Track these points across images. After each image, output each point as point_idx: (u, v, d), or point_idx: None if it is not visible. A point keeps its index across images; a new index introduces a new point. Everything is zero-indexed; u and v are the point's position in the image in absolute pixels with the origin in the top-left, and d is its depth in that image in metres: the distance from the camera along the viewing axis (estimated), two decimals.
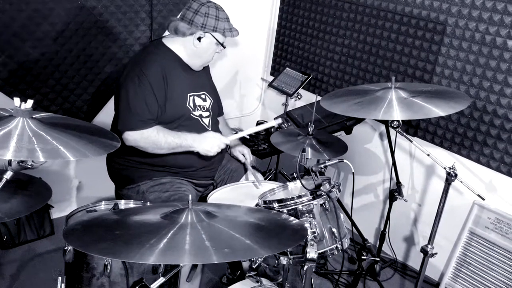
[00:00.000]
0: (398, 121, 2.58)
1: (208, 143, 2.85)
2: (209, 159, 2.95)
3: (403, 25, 3.42)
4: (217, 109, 3.17)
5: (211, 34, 2.84)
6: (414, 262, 3.72)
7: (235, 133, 3.18)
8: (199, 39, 2.84)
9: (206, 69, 3.15)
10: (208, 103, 3.04)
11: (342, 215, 2.48)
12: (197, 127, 2.93)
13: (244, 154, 3.23)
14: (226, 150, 3.26)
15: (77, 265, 2.22)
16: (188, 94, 2.93)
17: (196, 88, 2.99)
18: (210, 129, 3.00)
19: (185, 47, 2.90)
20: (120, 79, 2.85)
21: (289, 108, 3.98)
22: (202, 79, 3.09)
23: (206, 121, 2.99)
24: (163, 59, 2.86)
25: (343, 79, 3.92)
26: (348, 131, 3.53)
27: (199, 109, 2.97)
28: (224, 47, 2.94)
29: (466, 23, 3.09)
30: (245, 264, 2.98)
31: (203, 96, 3.01)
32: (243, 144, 3.34)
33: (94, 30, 3.47)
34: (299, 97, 3.99)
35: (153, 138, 2.76)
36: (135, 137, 2.75)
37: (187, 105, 2.91)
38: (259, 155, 3.63)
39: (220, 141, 2.88)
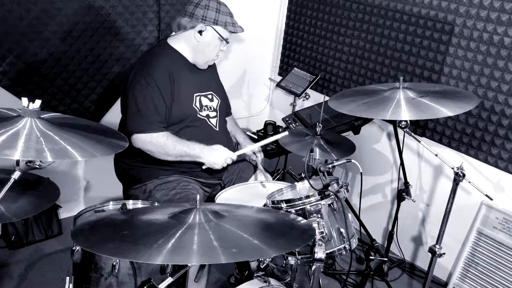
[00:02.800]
0: (406, 121, 2.58)
1: (215, 156, 2.84)
2: None
3: (411, 25, 3.41)
4: (224, 109, 3.16)
5: (212, 27, 2.82)
6: (422, 262, 3.71)
7: (243, 147, 3.19)
8: (200, 32, 2.83)
9: (213, 68, 3.14)
10: (215, 103, 3.03)
11: (350, 215, 2.48)
12: (204, 128, 2.92)
13: (254, 152, 3.21)
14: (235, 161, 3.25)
15: (85, 265, 2.22)
16: (195, 94, 2.93)
17: (202, 88, 2.99)
18: (217, 129, 2.99)
19: (187, 43, 2.89)
20: (127, 81, 2.84)
21: (297, 108, 3.97)
22: (209, 79, 3.08)
23: (213, 121, 2.99)
24: (169, 60, 2.85)
25: (351, 79, 3.91)
26: (356, 131, 3.52)
27: (206, 109, 2.96)
28: (227, 42, 2.93)
29: (474, 23, 3.08)
30: (253, 264, 2.98)
31: (209, 96, 3.01)
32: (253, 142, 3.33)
33: (102, 30, 3.48)
34: (307, 97, 3.98)
35: (162, 143, 2.75)
36: (144, 140, 2.74)
37: (194, 105, 2.90)
38: (267, 155, 3.62)
39: (227, 156, 2.87)
